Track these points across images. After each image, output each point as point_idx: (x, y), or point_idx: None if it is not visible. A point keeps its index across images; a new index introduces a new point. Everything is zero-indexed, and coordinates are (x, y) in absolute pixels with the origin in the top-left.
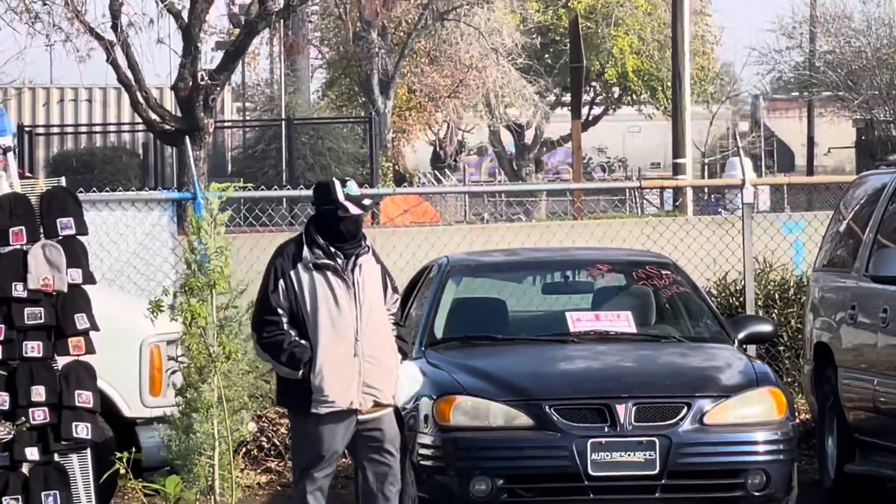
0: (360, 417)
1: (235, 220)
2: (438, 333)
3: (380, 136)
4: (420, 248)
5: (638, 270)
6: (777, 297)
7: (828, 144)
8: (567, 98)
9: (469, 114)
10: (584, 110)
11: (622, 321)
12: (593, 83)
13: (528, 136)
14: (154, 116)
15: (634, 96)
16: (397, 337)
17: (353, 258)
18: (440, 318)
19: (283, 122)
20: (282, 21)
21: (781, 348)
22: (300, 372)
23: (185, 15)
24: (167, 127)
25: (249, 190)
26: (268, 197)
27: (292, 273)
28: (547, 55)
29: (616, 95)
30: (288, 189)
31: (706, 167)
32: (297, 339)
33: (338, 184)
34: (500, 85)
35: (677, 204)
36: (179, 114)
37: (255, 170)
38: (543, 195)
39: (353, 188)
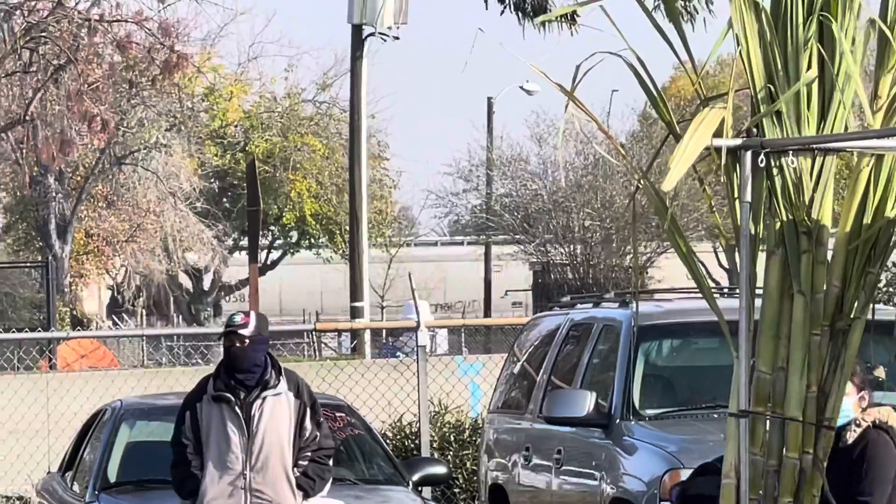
0: None
1: None
2: (112, 477)
3: (57, 280)
4: (94, 391)
5: None
6: (452, 438)
7: (505, 287)
8: (245, 242)
9: (147, 258)
10: (263, 254)
11: None
12: (271, 227)
13: (207, 280)
14: None
15: (312, 240)
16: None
17: (256, 392)
18: (113, 462)
19: None
20: None
21: (457, 490)
22: (187, 501)
23: None
24: None
25: None
26: None
27: (197, 405)
28: (225, 199)
29: (294, 239)
30: None
31: (384, 310)
32: (193, 468)
33: (230, 318)
34: (178, 229)
35: (353, 346)
36: None
37: None
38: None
39: (235, 319)
